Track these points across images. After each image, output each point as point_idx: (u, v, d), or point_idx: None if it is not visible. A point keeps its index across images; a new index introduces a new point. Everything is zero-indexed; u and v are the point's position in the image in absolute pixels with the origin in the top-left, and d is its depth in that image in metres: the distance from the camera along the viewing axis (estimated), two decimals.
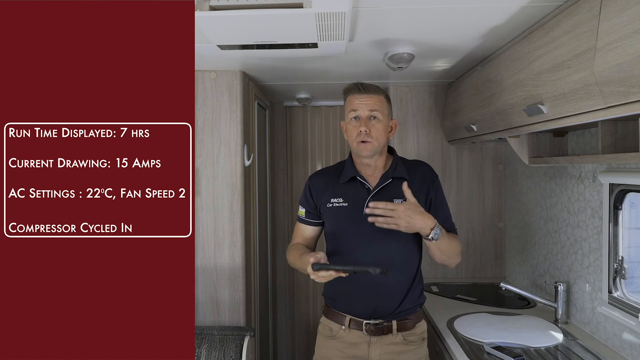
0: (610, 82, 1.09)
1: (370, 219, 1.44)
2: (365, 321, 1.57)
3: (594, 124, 1.49)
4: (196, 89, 2.25)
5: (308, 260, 1.42)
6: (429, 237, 1.45)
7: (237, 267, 2.26)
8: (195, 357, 1.80)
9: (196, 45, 1.65)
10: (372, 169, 1.62)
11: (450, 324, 1.97)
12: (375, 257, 1.54)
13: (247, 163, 2.34)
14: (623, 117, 1.19)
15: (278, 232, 3.45)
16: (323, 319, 1.68)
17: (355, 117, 1.56)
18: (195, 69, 2.23)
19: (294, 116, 3.60)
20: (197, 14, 1.30)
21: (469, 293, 2.47)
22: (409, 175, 1.59)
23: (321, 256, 1.43)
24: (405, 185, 1.47)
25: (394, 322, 1.57)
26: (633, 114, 1.09)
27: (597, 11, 1.13)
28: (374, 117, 1.54)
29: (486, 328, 1.88)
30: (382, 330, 1.56)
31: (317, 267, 1.42)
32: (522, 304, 2.26)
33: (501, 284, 2.14)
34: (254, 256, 2.54)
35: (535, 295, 2.11)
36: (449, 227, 1.62)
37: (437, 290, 2.51)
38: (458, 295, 2.41)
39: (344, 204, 1.59)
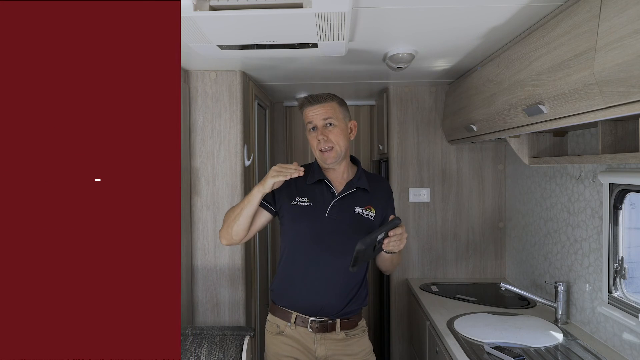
0: (610, 82, 1.09)
1: (384, 246, 1.47)
2: (311, 318, 1.62)
3: (594, 124, 1.49)
4: (196, 89, 2.25)
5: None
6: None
7: (237, 267, 2.26)
8: (195, 357, 1.80)
9: (196, 45, 1.65)
10: (337, 174, 1.70)
11: (450, 324, 1.97)
12: (331, 258, 1.61)
13: (247, 163, 2.34)
14: (623, 117, 1.19)
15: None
16: (270, 317, 1.73)
17: (312, 128, 1.64)
18: (195, 69, 2.23)
19: (294, 116, 3.60)
20: (197, 14, 1.30)
21: (469, 293, 2.47)
22: (370, 188, 1.70)
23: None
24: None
25: (338, 321, 1.64)
26: (633, 114, 1.09)
27: (597, 11, 1.13)
28: (330, 124, 1.62)
29: (486, 328, 1.88)
30: (326, 328, 1.63)
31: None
32: (522, 304, 2.26)
33: (501, 284, 2.14)
34: (254, 256, 2.54)
35: (535, 295, 2.11)
36: None
37: (437, 290, 2.51)
38: (458, 295, 2.41)
39: (309, 204, 1.65)
